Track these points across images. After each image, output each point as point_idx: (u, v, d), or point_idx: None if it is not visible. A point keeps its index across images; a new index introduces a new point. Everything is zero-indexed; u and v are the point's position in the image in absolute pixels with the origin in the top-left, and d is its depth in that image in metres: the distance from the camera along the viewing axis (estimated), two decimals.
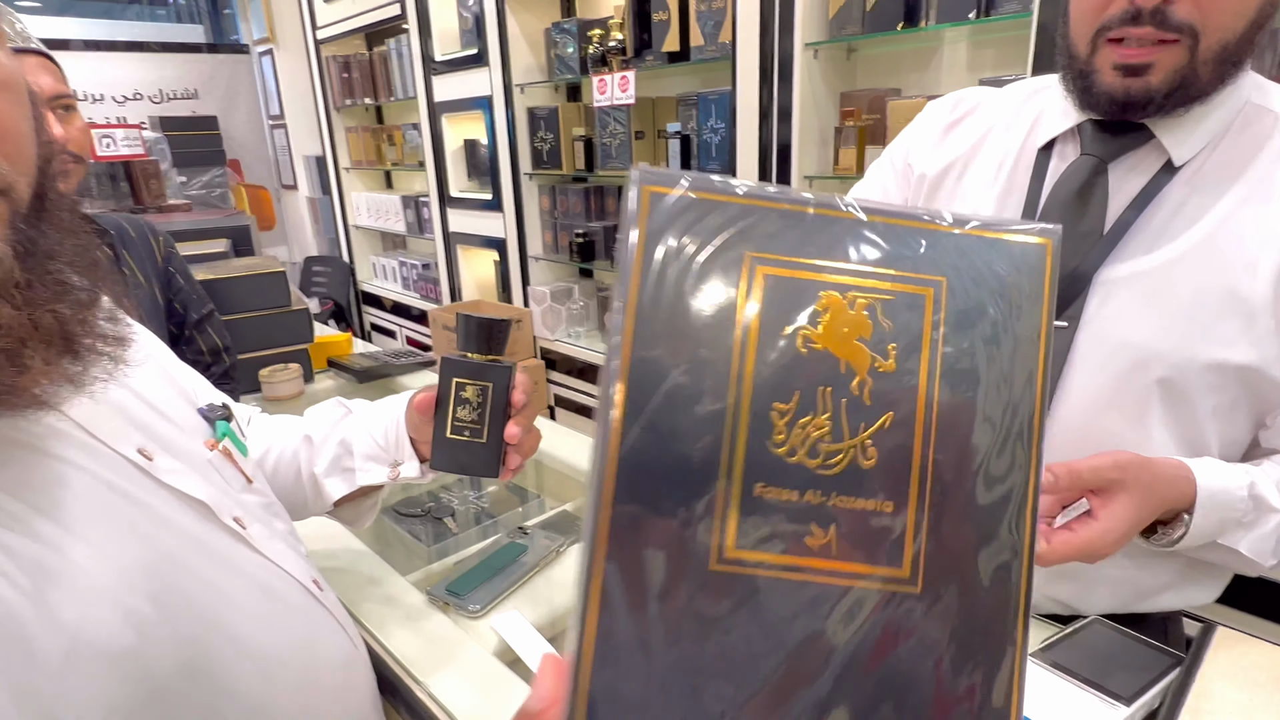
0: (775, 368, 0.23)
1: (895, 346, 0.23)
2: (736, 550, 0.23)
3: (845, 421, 0.23)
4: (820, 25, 1.70)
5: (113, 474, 0.48)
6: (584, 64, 2.33)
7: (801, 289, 0.23)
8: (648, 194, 0.24)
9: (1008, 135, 0.81)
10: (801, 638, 0.23)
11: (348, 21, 3.33)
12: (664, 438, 0.23)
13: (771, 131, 1.77)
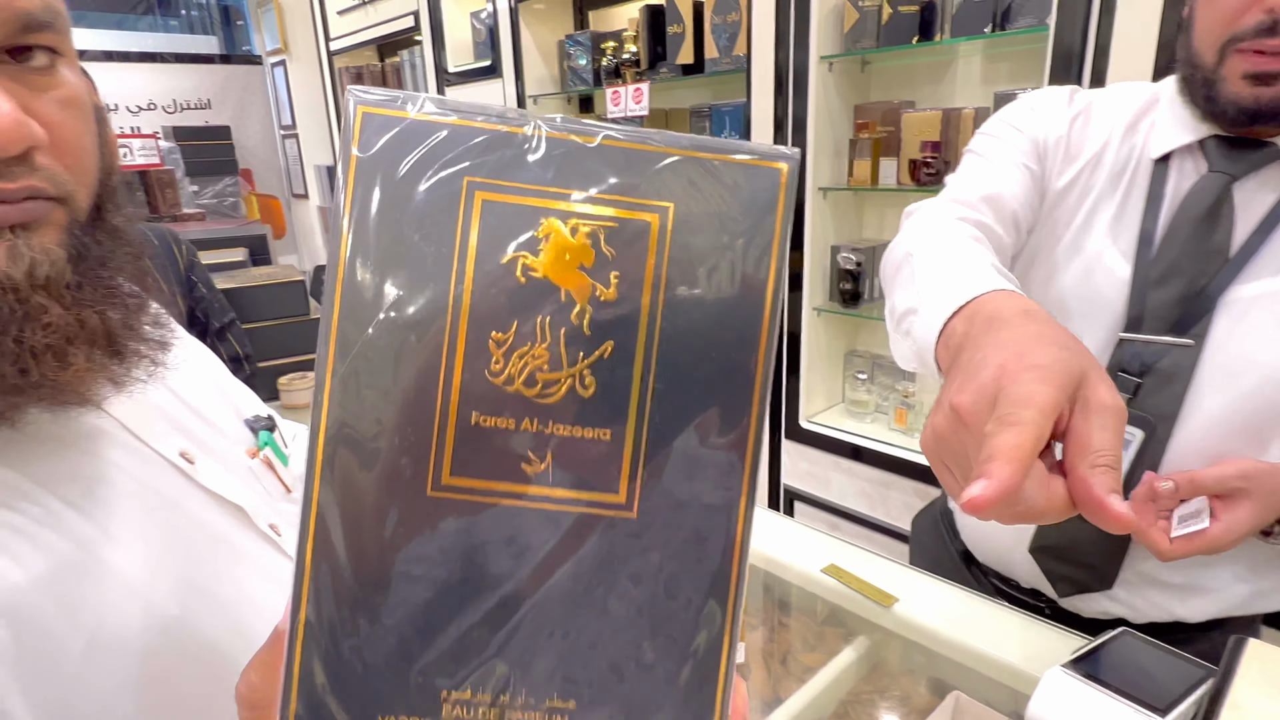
0: (493, 296, 0.23)
1: (618, 275, 0.23)
2: (452, 477, 0.23)
3: (564, 351, 0.23)
4: (835, 38, 1.71)
5: (152, 474, 0.49)
6: (597, 76, 2.35)
7: (522, 215, 0.23)
8: (362, 114, 0.22)
9: (1129, 141, 0.77)
10: (519, 560, 0.23)
11: (361, 33, 3.37)
12: (377, 368, 0.22)
13: (785, 143, 1.78)
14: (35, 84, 0.40)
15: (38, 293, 0.39)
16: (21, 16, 0.38)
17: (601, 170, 0.23)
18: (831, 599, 0.92)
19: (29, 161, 0.39)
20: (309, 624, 0.23)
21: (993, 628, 0.82)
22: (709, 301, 0.23)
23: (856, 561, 0.95)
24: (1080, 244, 0.78)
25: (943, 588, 0.89)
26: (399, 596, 0.23)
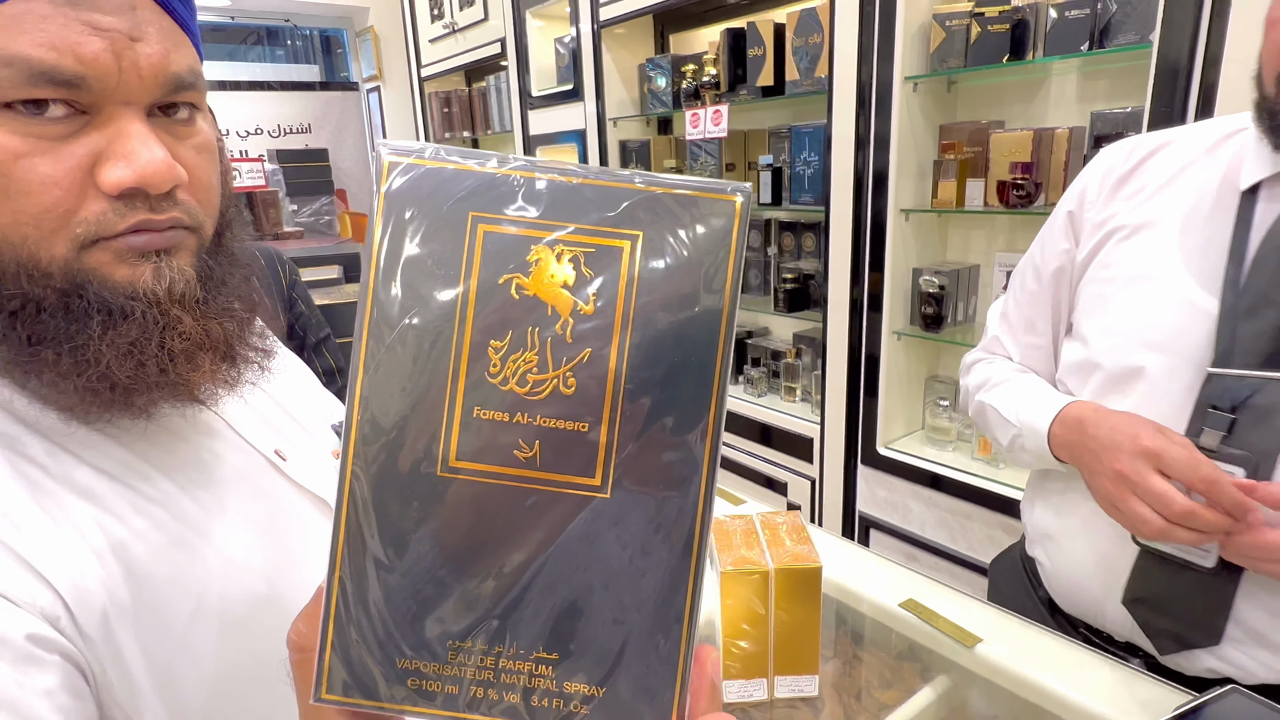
0: (492, 311, 0.27)
1: (595, 293, 0.27)
2: (457, 460, 0.27)
3: (550, 356, 0.27)
4: (921, 59, 1.68)
5: (250, 467, 0.54)
6: (676, 98, 2.38)
7: (516, 244, 0.27)
8: (388, 162, 0.28)
9: (1204, 178, 0.77)
10: (512, 531, 0.27)
11: (451, 60, 3.51)
12: (399, 369, 0.27)
13: (867, 164, 1.76)
14: (178, 133, 0.45)
15: (175, 306, 0.45)
16: (173, 79, 0.43)
17: (581, 205, 0.27)
18: (910, 635, 0.90)
19: (173, 197, 0.44)
20: (342, 582, 0.27)
21: (1085, 677, 0.78)
22: (672, 315, 0.27)
23: (936, 597, 0.92)
24: (1159, 277, 0.78)
25: (1030, 631, 0.86)
26: (414, 560, 0.27)
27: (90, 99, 0.41)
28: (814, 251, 2.17)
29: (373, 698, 0.28)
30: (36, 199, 0.40)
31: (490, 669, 0.27)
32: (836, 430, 2.00)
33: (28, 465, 0.43)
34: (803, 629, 0.74)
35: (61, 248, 0.41)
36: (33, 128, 0.39)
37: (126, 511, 0.45)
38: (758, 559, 0.73)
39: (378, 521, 0.27)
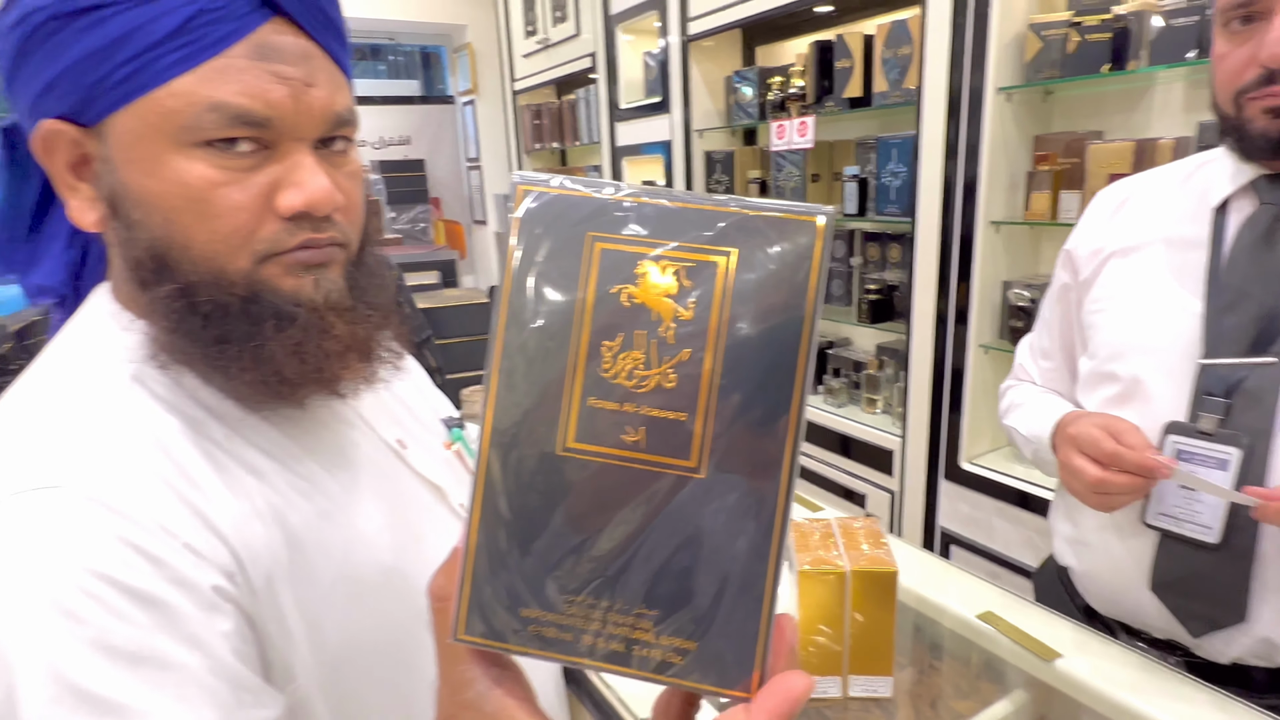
0: (605, 316, 0.32)
1: (694, 301, 0.31)
2: (574, 442, 0.32)
3: (654, 355, 0.31)
4: (1015, 69, 1.66)
5: (378, 454, 0.62)
6: (762, 110, 2.41)
7: (627, 259, 0.32)
8: (521, 190, 0.33)
9: (1178, 205, 0.88)
10: (620, 504, 0.32)
11: (543, 74, 3.65)
12: (528, 364, 0.32)
13: (956, 176, 1.75)
14: (336, 162, 0.53)
15: (330, 313, 0.53)
16: (336, 117, 0.51)
17: (682, 226, 0.32)
18: (988, 647, 0.90)
19: (331, 219, 0.52)
20: (478, 542, 0.33)
21: (1169, 693, 0.77)
22: (761, 322, 0.31)
23: (1015, 610, 0.92)
24: (1149, 291, 0.88)
25: (1112, 647, 0.85)
26: (537, 526, 0.33)
27: (272, 136, 0.48)
28: (899, 262, 2.16)
29: (500, 640, 0.33)
30: (228, 221, 0.48)
31: (599, 621, 0.32)
32: (918, 443, 1.98)
33: (210, 445, 0.51)
34: (877, 631, 0.76)
35: (244, 261, 0.49)
36: (227, 161, 0.48)
37: (284, 486, 0.53)
38: (835, 560, 0.76)
39: (507, 493, 0.33)
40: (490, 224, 4.86)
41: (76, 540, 0.42)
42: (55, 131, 0.48)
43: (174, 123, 0.46)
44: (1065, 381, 1.04)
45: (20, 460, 0.45)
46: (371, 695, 0.55)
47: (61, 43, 0.45)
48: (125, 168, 0.48)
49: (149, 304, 0.50)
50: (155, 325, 0.50)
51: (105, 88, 0.46)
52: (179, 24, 0.45)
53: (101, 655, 0.41)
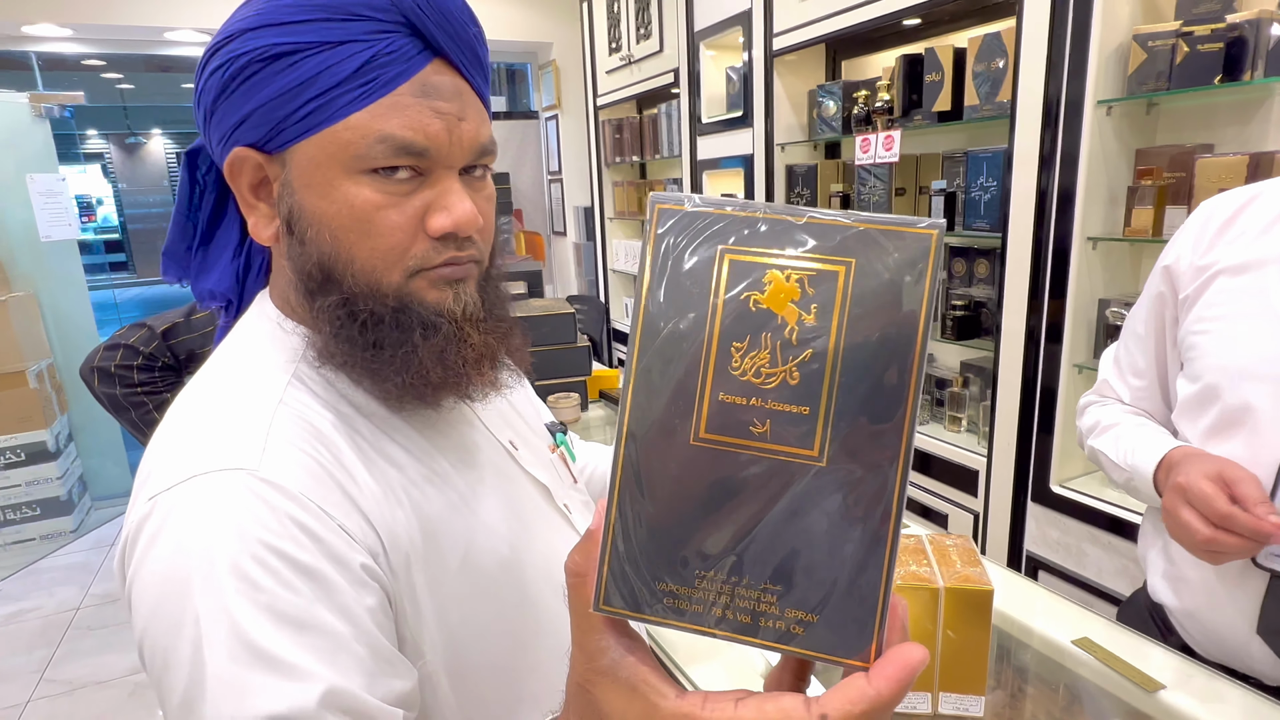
0: (734, 319, 0.34)
1: (816, 306, 0.34)
2: (706, 433, 0.34)
3: (779, 354, 0.34)
4: (1117, 81, 1.61)
5: (495, 454, 0.67)
6: (846, 123, 2.40)
7: (754, 269, 0.35)
8: (658, 209, 0.36)
9: None
10: (747, 489, 0.34)
11: (625, 89, 3.73)
12: (663, 363, 0.35)
13: (1050, 191, 1.70)
14: (476, 187, 0.58)
15: (466, 324, 0.58)
16: (481, 147, 0.57)
17: (806, 238, 0.35)
18: (1083, 674, 0.88)
19: (471, 239, 0.57)
20: (617, 522, 0.36)
21: None
22: (878, 326, 0.34)
23: (1112, 637, 0.90)
24: (1263, 313, 0.83)
25: (1217, 681, 0.82)
26: (671, 508, 0.35)
27: (428, 164, 0.54)
28: (987, 278, 2.11)
29: (637, 610, 0.36)
30: (386, 239, 0.54)
31: (728, 594, 0.35)
32: (1005, 464, 1.92)
33: (359, 438, 0.57)
34: (971, 649, 0.76)
35: (397, 275, 0.55)
36: (388, 186, 0.53)
37: (419, 479, 0.58)
38: (928, 576, 0.77)
39: (644, 478, 0.36)
40: (569, 235, 4.97)
41: (254, 517, 0.48)
42: (243, 157, 0.55)
43: (348, 152, 0.52)
44: (1157, 402, 1.00)
45: (206, 445, 0.51)
46: (487, 674, 0.60)
47: (258, 82, 0.52)
48: (302, 191, 0.54)
49: (314, 312, 0.56)
50: (317, 331, 0.56)
51: (292, 121, 0.52)
52: (358, 67, 0.51)
53: (272, 619, 0.46)
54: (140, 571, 0.49)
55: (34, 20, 3.61)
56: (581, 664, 0.38)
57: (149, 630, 0.48)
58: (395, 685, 0.50)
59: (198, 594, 0.46)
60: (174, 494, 0.49)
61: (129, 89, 9.79)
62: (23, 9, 3.57)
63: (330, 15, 0.51)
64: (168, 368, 1.40)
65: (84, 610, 3.01)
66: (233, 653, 0.45)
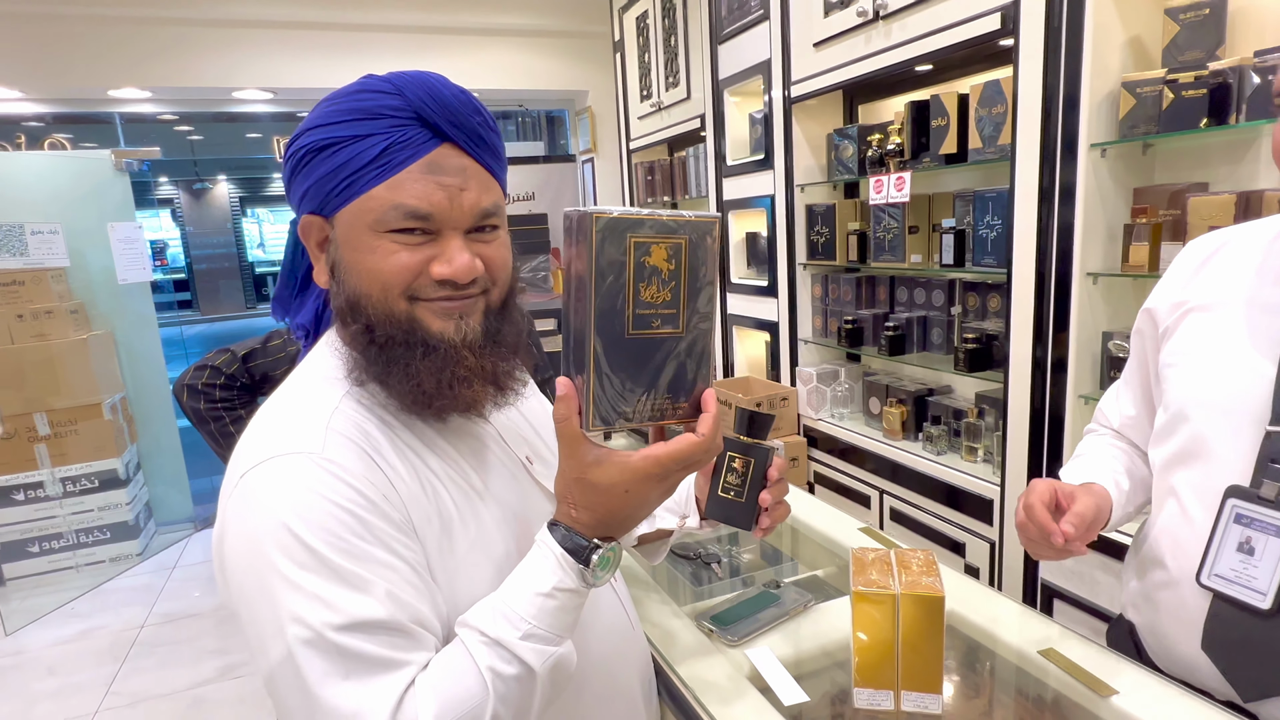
0: (637, 270, 0.61)
1: (673, 260, 0.62)
2: (632, 330, 0.62)
3: (660, 286, 0.62)
4: (1109, 125, 1.69)
5: (511, 465, 0.80)
6: (862, 164, 2.51)
7: (644, 245, 0.60)
8: (595, 215, 0.59)
9: (1263, 265, 0.90)
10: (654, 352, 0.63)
11: (657, 134, 3.90)
12: (610, 296, 0.60)
13: (1050, 228, 1.78)
14: (486, 240, 0.73)
15: (464, 349, 0.71)
16: (483, 211, 0.70)
17: (666, 228, 0.61)
18: (1049, 682, 0.95)
19: (475, 280, 0.70)
20: (594, 380, 0.61)
21: None
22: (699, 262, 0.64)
23: (1076, 648, 0.96)
24: (1224, 350, 0.88)
25: (1171, 689, 0.88)
26: (621, 367, 0.62)
27: (435, 226, 0.68)
28: (999, 312, 2.17)
29: (607, 424, 0.62)
30: (396, 275, 0.69)
31: (648, 403, 0.64)
32: (1017, 494, 1.97)
33: (397, 441, 0.71)
34: (927, 651, 0.84)
35: (402, 303, 0.70)
36: (403, 240, 0.68)
37: (443, 476, 0.72)
38: (887, 584, 0.86)
39: (603, 356, 0.61)
40: None
41: (320, 482, 0.63)
42: (310, 221, 0.72)
43: (371, 216, 0.68)
44: (1145, 433, 1.05)
45: (281, 436, 0.67)
46: None
47: (313, 167, 0.69)
48: (343, 245, 0.70)
49: (349, 337, 0.71)
50: (354, 352, 0.71)
51: (335, 194, 0.69)
52: (379, 153, 0.67)
53: (340, 552, 0.62)
54: (234, 528, 0.65)
55: (119, 85, 3.98)
56: (574, 469, 0.64)
57: (243, 573, 0.63)
58: (435, 609, 0.66)
59: (284, 536, 0.61)
60: (258, 470, 0.65)
61: (198, 140, 10.47)
62: (109, 75, 3.94)
63: (360, 117, 0.67)
64: (244, 387, 1.59)
65: (147, 629, 3.21)
66: (317, 574, 0.61)
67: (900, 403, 2.47)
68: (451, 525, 0.70)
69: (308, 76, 4.29)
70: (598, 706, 0.80)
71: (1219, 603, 0.84)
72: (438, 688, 0.62)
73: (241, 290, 14.75)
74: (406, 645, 0.63)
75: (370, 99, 0.68)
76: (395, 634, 0.62)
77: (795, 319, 2.91)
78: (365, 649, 0.60)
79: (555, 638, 0.66)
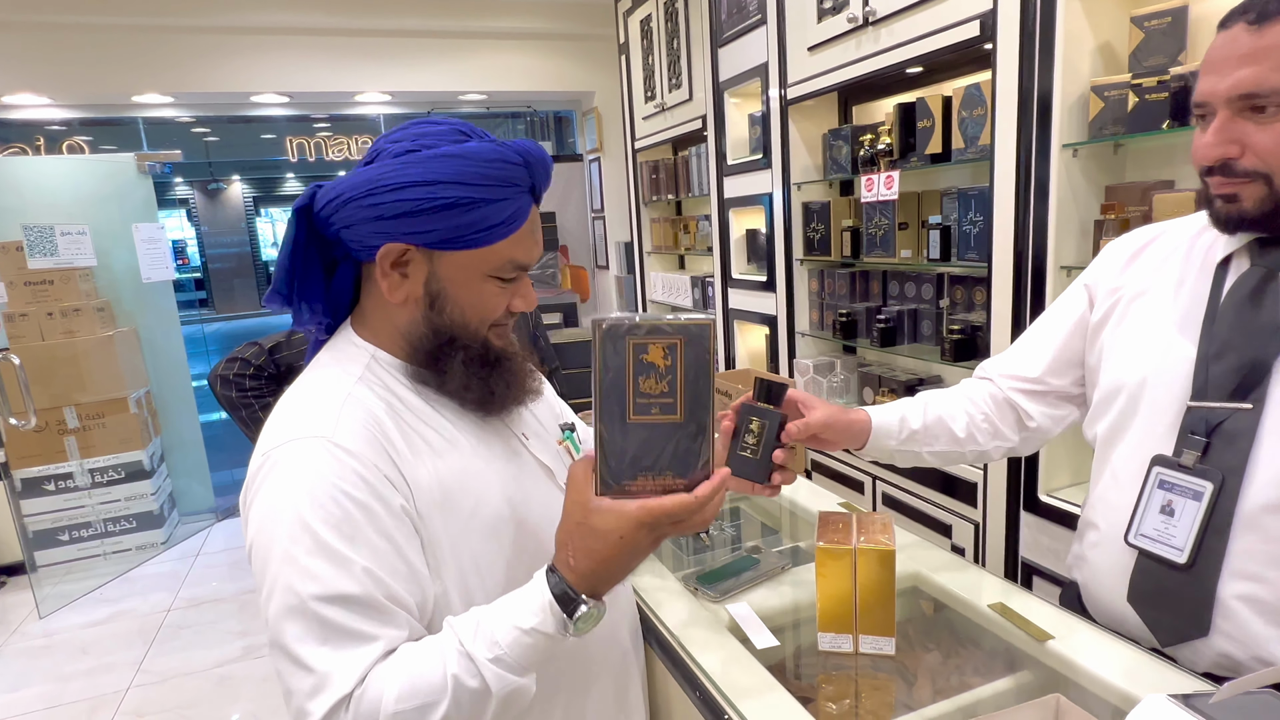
0: (636, 366, 0.70)
1: (669, 357, 0.70)
2: (632, 416, 0.71)
3: (658, 379, 0.71)
4: (1080, 126, 1.79)
5: (509, 441, 0.92)
6: (855, 163, 2.61)
7: (642, 346, 0.70)
8: (601, 323, 0.70)
9: (1188, 257, 0.98)
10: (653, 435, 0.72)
11: (661, 134, 4.01)
12: (611, 388, 0.71)
13: (1027, 224, 1.88)
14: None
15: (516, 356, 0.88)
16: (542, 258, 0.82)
17: (663, 328, 0.70)
18: (993, 630, 1.06)
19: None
20: (601, 457, 0.72)
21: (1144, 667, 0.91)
22: (694, 361, 0.71)
23: (1023, 602, 1.07)
24: (1153, 334, 0.96)
25: (1100, 635, 0.99)
26: (624, 448, 0.72)
27: (523, 272, 0.87)
28: (984, 304, 2.27)
29: (612, 492, 0.72)
30: (492, 313, 0.85)
31: (651, 478, 0.70)
32: (999, 477, 2.07)
33: (402, 422, 0.82)
34: (881, 599, 0.95)
35: (484, 330, 0.84)
36: (502, 284, 0.84)
37: (443, 450, 0.83)
38: (846, 541, 0.97)
39: (608, 439, 0.70)
40: (611, 268, 5.26)
41: (329, 467, 0.74)
42: (395, 250, 0.81)
43: (490, 265, 0.82)
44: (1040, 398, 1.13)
45: (300, 420, 0.78)
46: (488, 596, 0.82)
47: (449, 215, 0.79)
48: (448, 282, 0.83)
49: (436, 353, 0.84)
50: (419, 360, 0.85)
51: (462, 240, 0.81)
52: (508, 215, 0.81)
53: (335, 532, 0.72)
54: (255, 500, 0.75)
55: (143, 91, 4.13)
56: (578, 513, 0.73)
57: (257, 539, 0.74)
58: (413, 591, 0.76)
59: (291, 513, 0.72)
60: (280, 450, 0.76)
61: (213, 141, 10.66)
62: (133, 82, 4.09)
63: (499, 184, 0.80)
64: (271, 377, 1.73)
65: (174, 612, 3.36)
66: (308, 550, 0.71)
67: (892, 392, 2.57)
68: (453, 496, 0.81)
69: (322, 81, 4.44)
70: (593, 647, 0.92)
71: (1143, 559, 0.94)
72: (405, 671, 0.70)
73: (256, 289, 14.99)
74: (378, 620, 0.71)
75: (505, 169, 0.80)
76: (369, 609, 0.71)
77: (793, 313, 3.02)
78: (340, 620, 0.69)
79: (520, 669, 0.72)
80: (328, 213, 0.82)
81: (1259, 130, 0.82)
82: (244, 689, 2.74)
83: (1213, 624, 0.88)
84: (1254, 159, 0.83)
